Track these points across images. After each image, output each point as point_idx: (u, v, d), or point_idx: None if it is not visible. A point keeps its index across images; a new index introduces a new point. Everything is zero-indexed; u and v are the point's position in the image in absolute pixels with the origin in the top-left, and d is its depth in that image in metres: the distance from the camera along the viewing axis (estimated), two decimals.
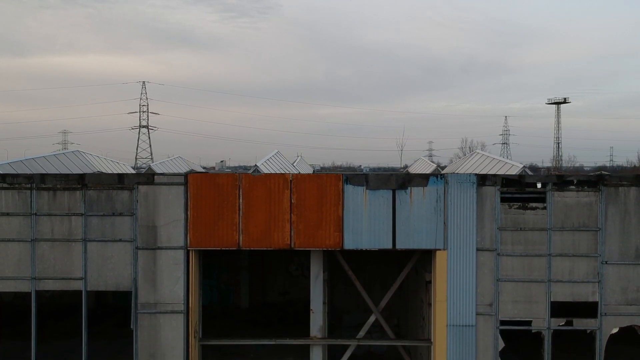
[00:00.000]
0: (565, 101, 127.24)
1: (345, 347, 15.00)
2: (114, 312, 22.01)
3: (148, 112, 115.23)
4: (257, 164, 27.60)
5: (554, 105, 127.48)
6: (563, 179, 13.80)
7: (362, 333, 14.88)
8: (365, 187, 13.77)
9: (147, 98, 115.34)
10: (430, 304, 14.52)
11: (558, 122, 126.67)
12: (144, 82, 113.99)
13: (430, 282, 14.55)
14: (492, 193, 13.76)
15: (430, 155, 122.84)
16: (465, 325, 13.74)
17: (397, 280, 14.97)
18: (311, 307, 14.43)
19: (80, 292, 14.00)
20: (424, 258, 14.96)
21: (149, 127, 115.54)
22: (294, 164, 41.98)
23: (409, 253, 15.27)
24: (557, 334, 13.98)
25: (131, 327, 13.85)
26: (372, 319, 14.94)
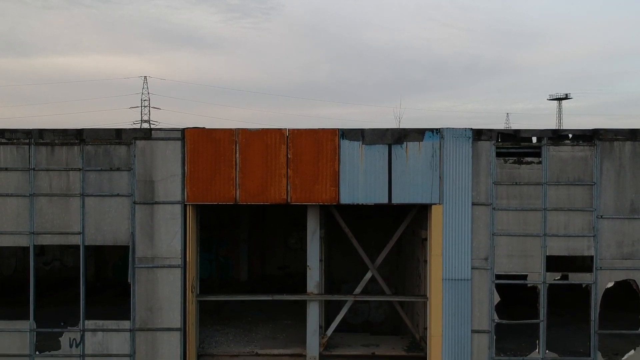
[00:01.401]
0: (567, 97, 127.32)
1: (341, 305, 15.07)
2: (113, 285, 22.10)
3: (150, 106, 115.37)
4: None
5: (556, 101, 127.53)
6: (558, 133, 13.86)
7: (358, 290, 14.97)
8: (361, 142, 13.85)
9: (148, 93, 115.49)
10: (426, 261, 14.59)
11: (559, 118, 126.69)
12: (145, 77, 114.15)
13: (426, 239, 14.62)
14: (488, 148, 13.82)
15: None
16: (461, 279, 13.81)
17: (394, 237, 15.03)
18: (308, 264, 14.50)
19: (78, 246, 14.08)
20: (420, 216, 15.04)
21: (151, 122, 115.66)
22: None
23: (405, 212, 15.35)
24: (552, 288, 14.04)
25: (129, 281, 13.94)
26: (368, 275, 15.01)
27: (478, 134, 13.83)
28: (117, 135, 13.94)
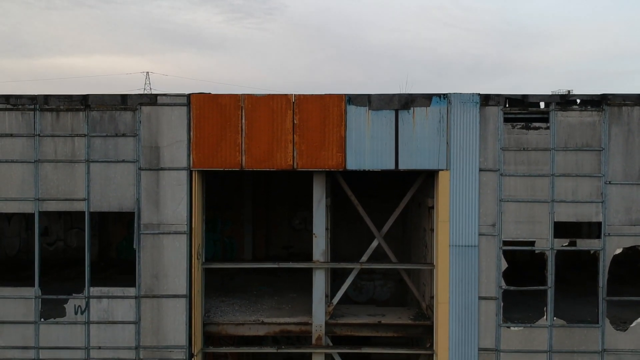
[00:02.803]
0: (568, 93, 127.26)
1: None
2: (117, 264, 22.06)
3: None
4: None
5: None
6: (566, 98, 13.77)
7: (364, 258, 14.88)
8: (368, 108, 13.77)
9: (150, 89, 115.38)
10: (432, 230, 14.50)
11: None
12: (147, 72, 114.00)
13: (432, 207, 14.54)
14: (495, 113, 13.74)
15: None
16: (468, 246, 13.72)
17: (400, 204, 14.95)
18: (314, 232, 14.42)
19: (83, 212, 14.02)
20: (427, 185, 14.95)
21: None
22: None
23: (411, 183, 15.27)
24: (560, 255, 13.95)
25: (134, 247, 13.88)
26: (374, 243, 14.93)
27: (486, 100, 13.74)
28: (123, 101, 13.87)
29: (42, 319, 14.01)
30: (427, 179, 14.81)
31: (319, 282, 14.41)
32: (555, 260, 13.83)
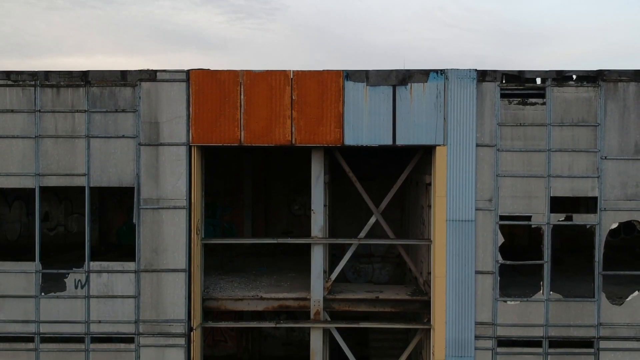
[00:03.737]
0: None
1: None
2: (117, 248, 22.18)
3: None
4: None
5: None
6: (562, 74, 13.86)
7: (362, 234, 14.99)
8: (365, 84, 13.88)
9: None
10: (430, 206, 14.62)
11: None
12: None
13: (430, 184, 14.65)
14: (492, 89, 13.85)
15: None
16: (465, 220, 13.84)
17: (398, 181, 15.07)
18: (312, 208, 14.53)
19: (83, 188, 14.13)
20: (424, 163, 15.07)
21: None
22: None
23: (410, 155, 15.39)
24: (557, 229, 14.07)
25: (134, 221, 13.99)
26: (372, 219, 15.04)
27: (483, 75, 13.85)
28: (123, 77, 13.99)
29: (43, 293, 14.12)
30: (425, 156, 14.93)
31: (318, 258, 14.52)
32: (552, 242, 13.92)
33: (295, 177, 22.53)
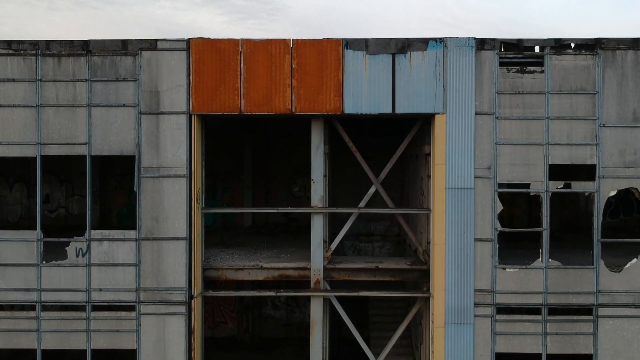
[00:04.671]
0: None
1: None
2: (118, 229, 22.21)
3: None
4: None
5: None
6: (561, 42, 13.93)
7: (362, 203, 15.06)
8: (365, 52, 13.95)
9: None
10: (429, 176, 14.68)
11: None
12: None
13: (429, 154, 14.72)
14: (491, 57, 13.91)
15: None
16: (464, 188, 13.90)
17: (398, 150, 15.14)
18: (312, 178, 14.60)
19: (84, 156, 14.20)
20: (423, 133, 15.14)
21: None
22: None
23: (410, 124, 15.46)
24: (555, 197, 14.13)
25: (135, 189, 14.06)
26: (372, 189, 15.10)
27: (481, 44, 13.91)
28: (123, 46, 14.07)
29: (44, 262, 14.19)
30: (424, 127, 15.00)
31: (318, 227, 14.58)
32: (551, 203, 14.00)
33: (296, 158, 22.62)
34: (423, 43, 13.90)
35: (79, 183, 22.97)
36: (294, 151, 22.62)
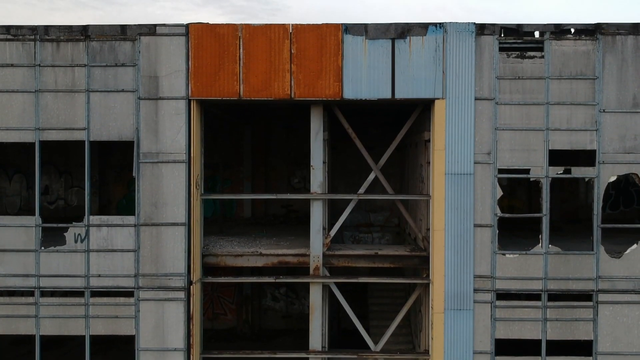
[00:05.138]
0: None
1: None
2: None
3: None
4: None
5: None
6: (561, 27, 13.89)
7: (362, 190, 15.01)
8: (364, 37, 13.91)
9: None
10: (429, 163, 14.65)
11: None
12: None
13: (429, 140, 14.68)
14: (491, 42, 13.88)
15: None
16: (464, 174, 13.86)
17: (397, 136, 15.09)
18: (311, 164, 14.56)
19: (83, 142, 14.16)
20: (423, 120, 15.11)
21: None
22: None
23: (409, 112, 15.42)
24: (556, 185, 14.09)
25: (134, 175, 14.02)
26: (372, 176, 15.05)
27: (481, 29, 13.88)
28: (122, 31, 14.03)
29: (43, 247, 14.15)
30: (423, 114, 14.96)
31: (317, 214, 14.54)
32: (551, 188, 13.96)
33: (295, 150, 22.59)
34: (423, 28, 13.86)
35: (78, 174, 22.96)
36: (293, 143, 22.59)
